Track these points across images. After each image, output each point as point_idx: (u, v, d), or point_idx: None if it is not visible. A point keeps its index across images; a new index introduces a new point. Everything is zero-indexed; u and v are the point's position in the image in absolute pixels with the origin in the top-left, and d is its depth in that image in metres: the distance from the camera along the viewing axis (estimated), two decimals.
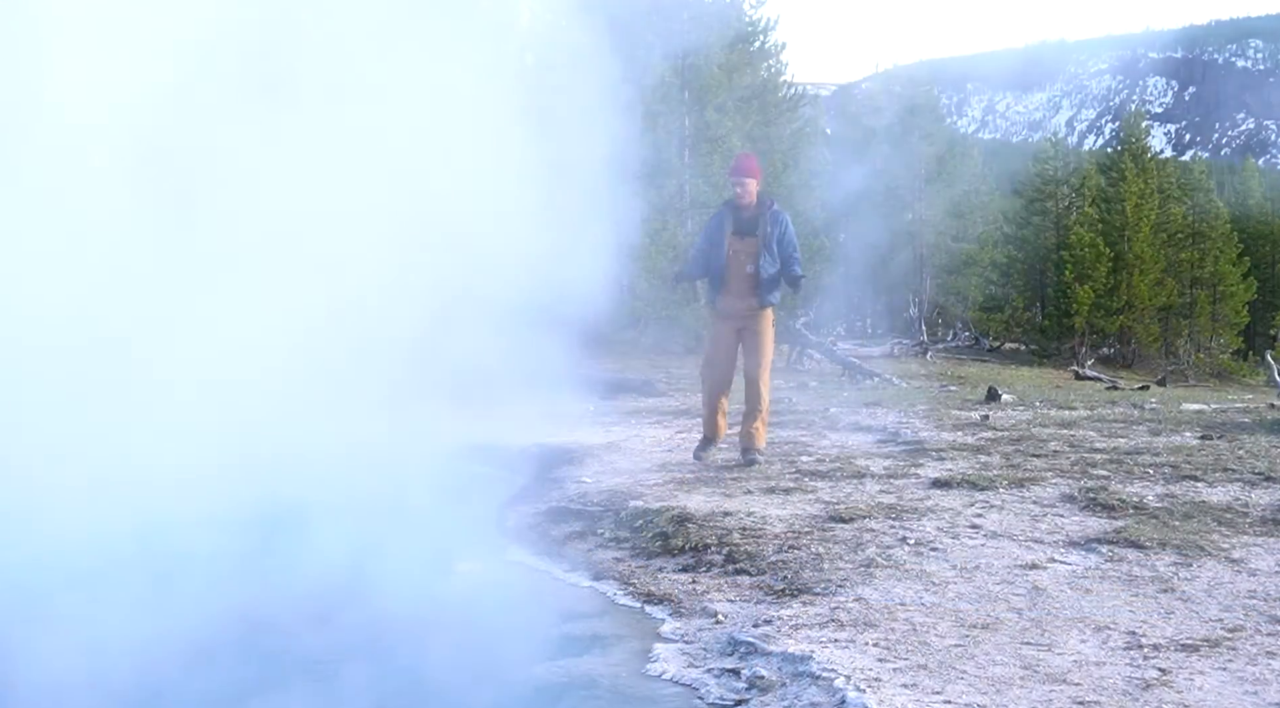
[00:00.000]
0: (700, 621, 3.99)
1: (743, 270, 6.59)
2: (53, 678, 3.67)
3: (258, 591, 4.59)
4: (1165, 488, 5.77)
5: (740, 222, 6.62)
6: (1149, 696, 3.00)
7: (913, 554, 4.53)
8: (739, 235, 6.59)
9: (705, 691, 3.37)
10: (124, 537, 4.92)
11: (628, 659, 3.70)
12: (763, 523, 5.17)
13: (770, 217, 6.59)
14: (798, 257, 6.63)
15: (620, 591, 4.54)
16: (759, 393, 6.67)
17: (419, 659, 3.83)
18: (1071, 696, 3.01)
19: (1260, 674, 3.15)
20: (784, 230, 6.59)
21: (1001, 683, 3.12)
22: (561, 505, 6.05)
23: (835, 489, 5.99)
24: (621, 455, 7.58)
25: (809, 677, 3.27)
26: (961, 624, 3.65)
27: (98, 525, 5.01)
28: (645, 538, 5.17)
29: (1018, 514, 5.25)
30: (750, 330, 6.68)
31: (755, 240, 6.56)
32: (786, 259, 6.58)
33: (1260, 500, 5.43)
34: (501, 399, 8.53)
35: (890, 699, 3.03)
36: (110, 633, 3.93)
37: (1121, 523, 4.96)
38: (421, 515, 5.76)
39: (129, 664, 3.69)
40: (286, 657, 3.88)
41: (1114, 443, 7.52)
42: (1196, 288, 32.98)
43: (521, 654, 3.82)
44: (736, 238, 6.59)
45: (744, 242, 6.58)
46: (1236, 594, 3.92)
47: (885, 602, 3.92)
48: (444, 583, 4.84)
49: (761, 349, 6.69)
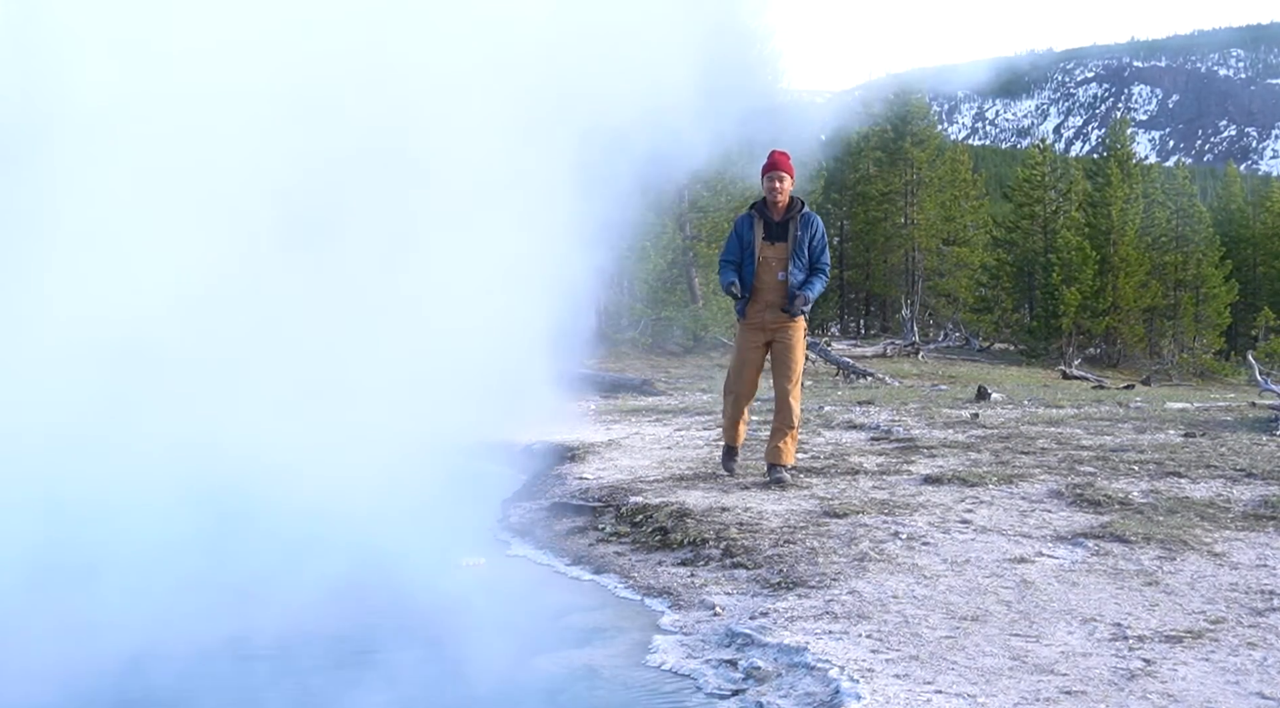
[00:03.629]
0: (699, 613, 3.99)
1: (773, 278, 5.99)
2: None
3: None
4: (1150, 484, 5.78)
5: (770, 225, 6.02)
6: (1134, 686, 3.01)
7: (905, 549, 4.53)
8: (769, 240, 5.99)
9: (703, 681, 3.37)
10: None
11: (628, 650, 3.71)
12: (759, 518, 5.17)
13: (802, 220, 5.99)
14: (825, 266, 6.06)
15: (621, 584, 4.54)
16: (790, 409, 6.08)
17: (423, 653, 3.83)
18: (1059, 686, 3.02)
19: (1241, 665, 3.16)
20: (815, 234, 6.01)
21: (991, 673, 3.13)
22: (563, 501, 6.05)
23: (830, 485, 5.99)
24: (622, 453, 7.58)
25: (804, 667, 3.28)
26: (952, 616, 3.66)
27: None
28: (645, 533, 5.18)
29: (1007, 510, 5.25)
30: (781, 343, 6.08)
31: (786, 245, 5.97)
32: (813, 269, 6.02)
33: (1242, 496, 5.43)
34: (504, 398, 8.53)
35: (883, 689, 3.03)
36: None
37: (1107, 518, 4.96)
38: (427, 511, 5.76)
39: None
40: (298, 640, 3.90)
41: (1100, 440, 7.52)
42: (1180, 290, 32.98)
43: (525, 646, 3.82)
44: (767, 243, 5.98)
45: (774, 247, 5.98)
46: (1219, 587, 3.92)
47: (878, 595, 3.93)
48: (449, 576, 4.84)
49: (793, 363, 6.09)
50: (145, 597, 4.35)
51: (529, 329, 7.79)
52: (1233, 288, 33.59)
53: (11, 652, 3.87)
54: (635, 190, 9.25)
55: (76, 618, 4.20)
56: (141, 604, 4.26)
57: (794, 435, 6.13)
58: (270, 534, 5.15)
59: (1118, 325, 30.78)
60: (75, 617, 4.21)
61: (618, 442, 8.16)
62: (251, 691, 3.53)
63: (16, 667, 3.73)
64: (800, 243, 5.95)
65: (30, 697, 3.48)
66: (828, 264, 6.10)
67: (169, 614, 4.19)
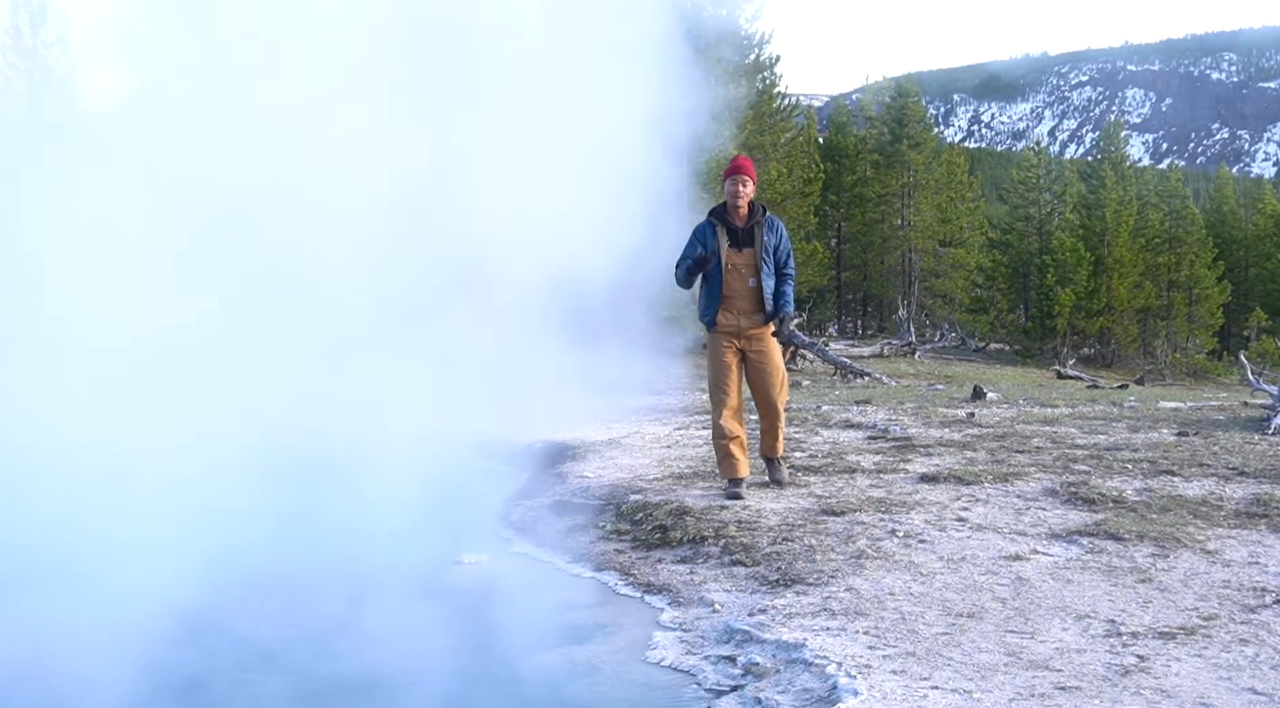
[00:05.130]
0: (698, 610, 3.99)
1: (744, 285, 5.78)
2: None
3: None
4: (1143, 483, 5.77)
5: (735, 231, 5.81)
6: (1128, 681, 3.01)
7: (902, 546, 4.53)
8: (735, 247, 5.78)
9: (702, 677, 3.37)
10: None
11: (628, 647, 3.71)
12: (758, 516, 5.17)
13: (767, 224, 5.83)
14: (792, 272, 5.90)
15: (621, 581, 4.54)
16: (775, 410, 5.91)
17: (425, 648, 3.83)
18: (1054, 682, 3.02)
19: (1234, 661, 3.16)
20: (780, 239, 5.87)
21: (987, 670, 3.13)
22: (564, 499, 6.05)
23: (827, 484, 5.99)
24: (622, 451, 7.58)
25: (802, 664, 3.28)
26: (948, 613, 3.66)
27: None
28: (645, 530, 5.17)
29: (1002, 508, 5.25)
30: (757, 350, 5.83)
31: (753, 251, 5.78)
32: (780, 276, 5.87)
33: (1234, 494, 5.43)
34: (506, 397, 8.52)
35: (880, 685, 3.03)
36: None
37: (1101, 516, 4.96)
38: (429, 508, 5.76)
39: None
40: (300, 639, 3.91)
41: (1094, 439, 7.52)
42: (1173, 291, 33.02)
43: (526, 642, 3.83)
44: (734, 250, 5.77)
45: (741, 254, 5.78)
46: (1211, 584, 3.92)
47: (875, 592, 3.93)
48: (451, 573, 4.84)
49: (774, 370, 5.86)
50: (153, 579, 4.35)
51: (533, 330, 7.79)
52: (1225, 288, 33.64)
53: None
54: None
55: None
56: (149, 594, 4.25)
57: (781, 426, 6.01)
58: (271, 542, 5.08)
59: (1112, 326, 30.82)
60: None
61: (618, 440, 8.16)
62: (253, 684, 3.53)
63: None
64: (766, 247, 5.79)
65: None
66: (794, 270, 5.96)
67: (168, 613, 4.18)
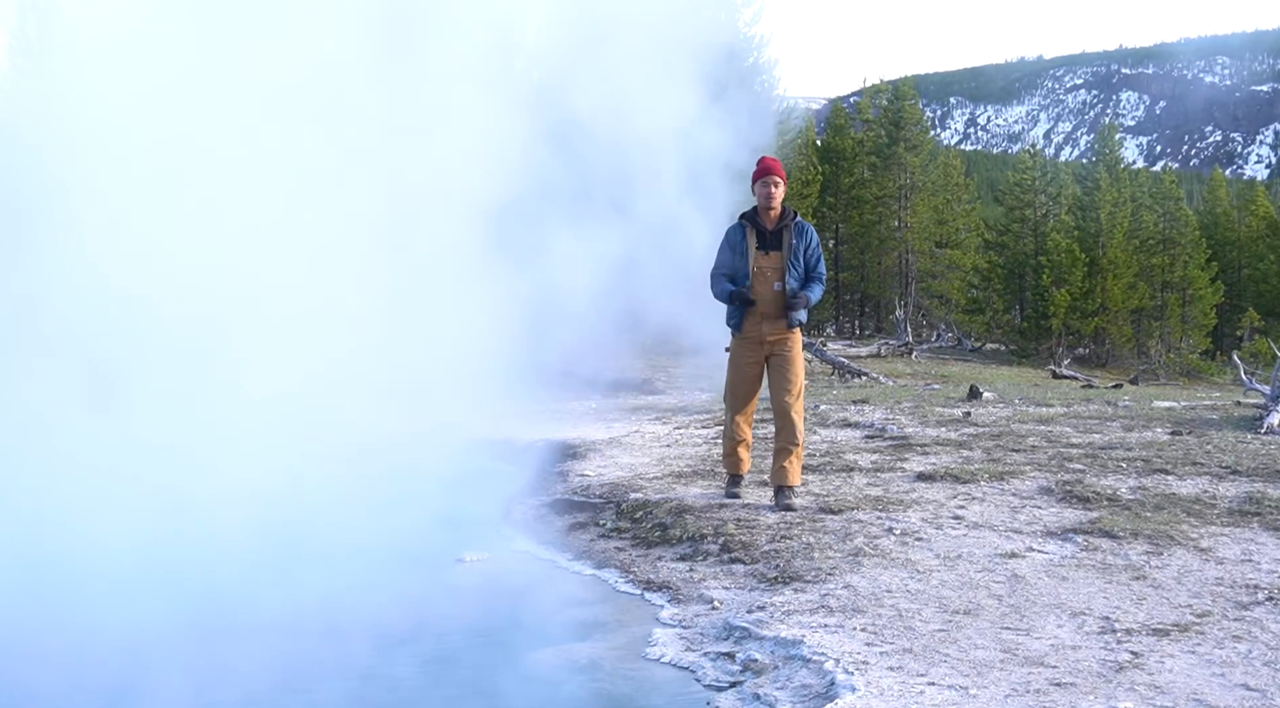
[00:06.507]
0: (697, 607, 3.99)
1: (769, 289, 5.62)
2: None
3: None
4: (1137, 481, 5.78)
5: (764, 234, 5.67)
6: (1122, 677, 3.01)
7: (899, 544, 4.53)
8: (763, 250, 5.64)
9: (702, 673, 3.37)
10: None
11: (628, 643, 3.71)
12: (756, 514, 5.17)
13: (796, 228, 5.66)
14: (821, 275, 5.70)
15: (621, 578, 4.54)
16: (793, 426, 5.60)
17: (427, 646, 3.83)
18: (1049, 677, 3.02)
19: (1227, 657, 3.16)
20: (809, 242, 5.69)
21: (982, 666, 3.13)
22: (565, 498, 6.06)
23: (825, 482, 5.99)
24: (622, 450, 7.58)
25: (800, 660, 3.28)
26: (944, 610, 3.66)
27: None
28: (645, 528, 5.18)
29: (998, 506, 5.26)
30: (779, 355, 5.66)
31: (781, 255, 5.63)
32: (809, 278, 5.70)
33: (1227, 493, 5.43)
34: (508, 397, 8.53)
35: (877, 681, 3.03)
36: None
37: (1096, 514, 4.97)
38: (432, 506, 5.76)
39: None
40: (305, 638, 3.91)
41: (1089, 438, 7.52)
42: (1167, 291, 33.01)
43: (527, 638, 3.83)
44: (761, 253, 5.63)
45: (769, 257, 5.63)
46: (1205, 582, 3.93)
47: (872, 589, 3.93)
48: (453, 571, 4.84)
49: (793, 376, 5.67)
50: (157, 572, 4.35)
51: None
52: (1218, 289, 33.64)
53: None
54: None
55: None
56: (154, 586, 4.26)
57: (799, 453, 5.62)
58: (273, 538, 5.06)
59: (1106, 326, 30.80)
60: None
61: (618, 440, 8.16)
62: (251, 679, 3.53)
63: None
64: (796, 252, 5.64)
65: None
66: (824, 273, 5.79)
67: (166, 609, 4.19)
